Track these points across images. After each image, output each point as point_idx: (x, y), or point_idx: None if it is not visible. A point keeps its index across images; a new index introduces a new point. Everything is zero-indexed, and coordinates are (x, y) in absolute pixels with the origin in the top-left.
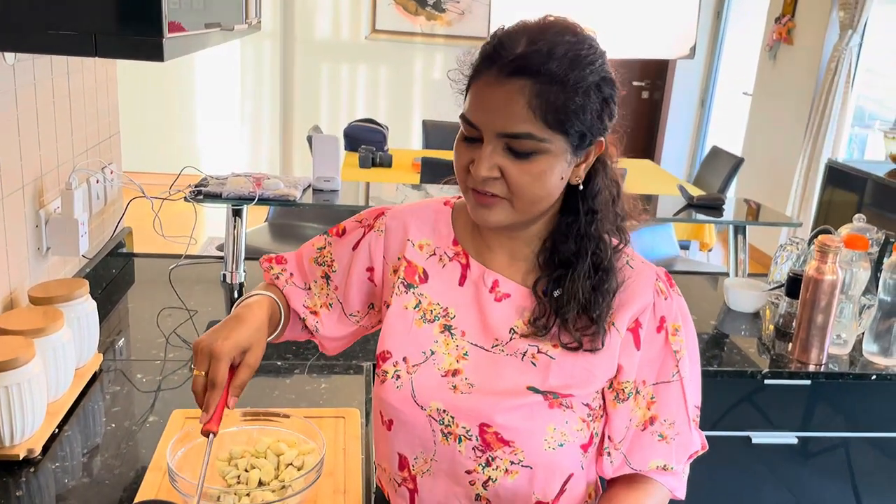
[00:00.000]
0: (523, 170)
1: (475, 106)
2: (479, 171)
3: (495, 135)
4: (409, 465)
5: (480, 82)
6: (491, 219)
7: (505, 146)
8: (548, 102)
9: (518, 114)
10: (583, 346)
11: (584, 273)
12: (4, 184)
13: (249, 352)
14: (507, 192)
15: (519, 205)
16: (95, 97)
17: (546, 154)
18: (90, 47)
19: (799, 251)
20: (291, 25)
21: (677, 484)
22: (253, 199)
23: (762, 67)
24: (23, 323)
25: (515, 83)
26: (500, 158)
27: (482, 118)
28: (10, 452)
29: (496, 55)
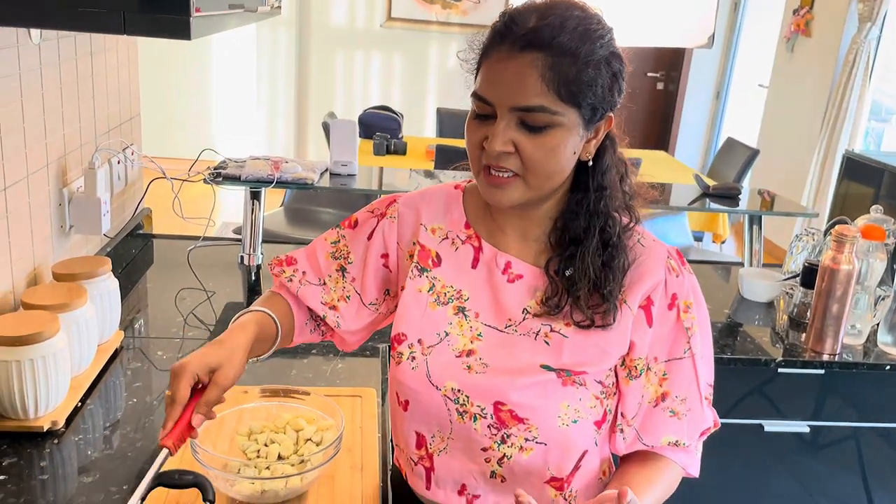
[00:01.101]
0: (537, 144)
1: (488, 82)
2: (493, 146)
3: (509, 109)
4: (426, 443)
5: (492, 58)
6: (504, 198)
7: (519, 120)
8: (560, 75)
9: (532, 87)
10: (595, 323)
11: (594, 249)
12: (30, 162)
13: (219, 371)
14: (521, 167)
15: (533, 181)
16: (117, 78)
17: (559, 127)
18: (119, 25)
19: (815, 242)
20: (307, 12)
21: (690, 461)
22: (271, 181)
23: (779, 59)
24: (47, 298)
25: (528, 56)
26: (514, 133)
27: (495, 93)
28: (34, 424)
29: (507, 31)
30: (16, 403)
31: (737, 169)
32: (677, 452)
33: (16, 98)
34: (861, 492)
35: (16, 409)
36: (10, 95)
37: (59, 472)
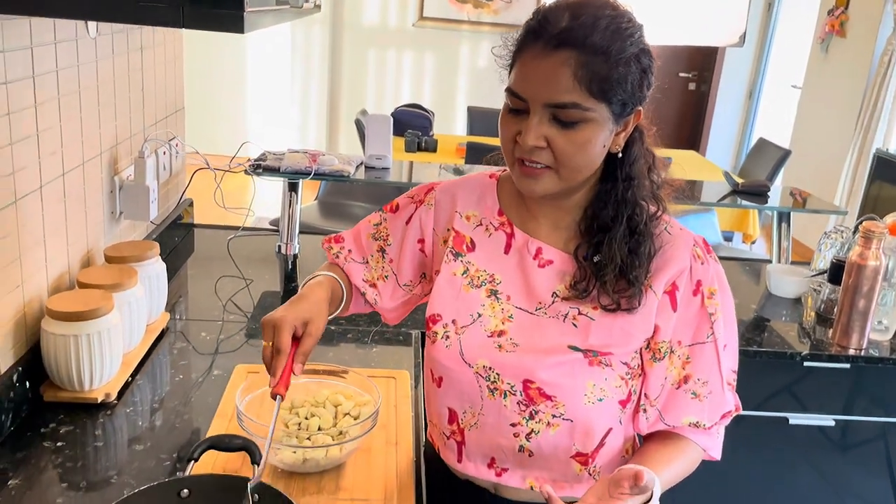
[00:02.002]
0: (569, 139)
1: (522, 78)
2: (526, 141)
3: (542, 105)
4: (458, 419)
5: (527, 56)
6: (537, 188)
7: (551, 116)
8: (592, 73)
9: (564, 84)
10: (621, 306)
11: (622, 236)
12: (85, 149)
13: (311, 322)
14: (553, 161)
15: (564, 173)
16: (164, 73)
17: (590, 123)
18: (178, 18)
19: (843, 239)
20: (341, 11)
21: (711, 443)
22: (309, 173)
23: (813, 60)
24: (101, 278)
25: (561, 55)
26: (546, 128)
27: (529, 89)
28: (89, 395)
29: (541, 29)
30: (72, 376)
31: (768, 169)
32: (698, 434)
33: (74, 88)
34: (885, 486)
35: (72, 382)
36: (70, 85)
37: (112, 440)
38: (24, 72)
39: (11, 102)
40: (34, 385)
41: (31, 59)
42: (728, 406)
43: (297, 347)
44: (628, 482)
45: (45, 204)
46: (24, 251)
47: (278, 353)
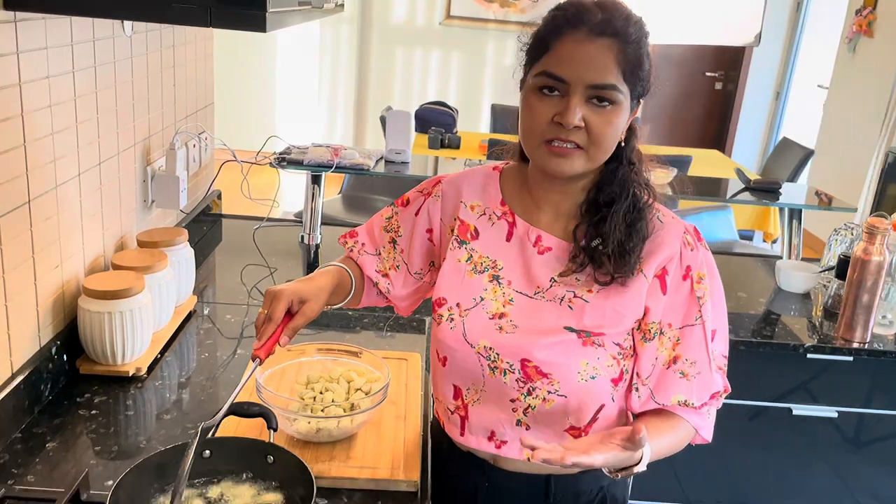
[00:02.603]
0: (603, 118)
1: (565, 60)
2: (570, 120)
3: (584, 86)
4: (462, 395)
5: (568, 41)
6: (567, 168)
7: (589, 97)
8: (627, 59)
9: (608, 67)
10: (615, 280)
11: (624, 212)
12: (120, 141)
13: (307, 303)
14: (587, 140)
15: (593, 153)
16: (195, 69)
17: (619, 105)
18: (206, 18)
19: (853, 236)
20: (369, 10)
21: (702, 423)
22: (331, 166)
23: (840, 60)
24: (134, 261)
25: (605, 41)
26: (584, 109)
27: (572, 71)
28: (121, 369)
29: (581, 17)
30: (106, 350)
31: (791, 169)
32: (689, 412)
33: (111, 83)
34: (890, 473)
35: (106, 356)
36: (107, 80)
37: (142, 410)
38: (65, 67)
39: (53, 95)
40: (71, 358)
41: (71, 55)
42: (716, 387)
43: (288, 322)
44: (622, 435)
45: (83, 191)
46: (63, 234)
47: (269, 321)
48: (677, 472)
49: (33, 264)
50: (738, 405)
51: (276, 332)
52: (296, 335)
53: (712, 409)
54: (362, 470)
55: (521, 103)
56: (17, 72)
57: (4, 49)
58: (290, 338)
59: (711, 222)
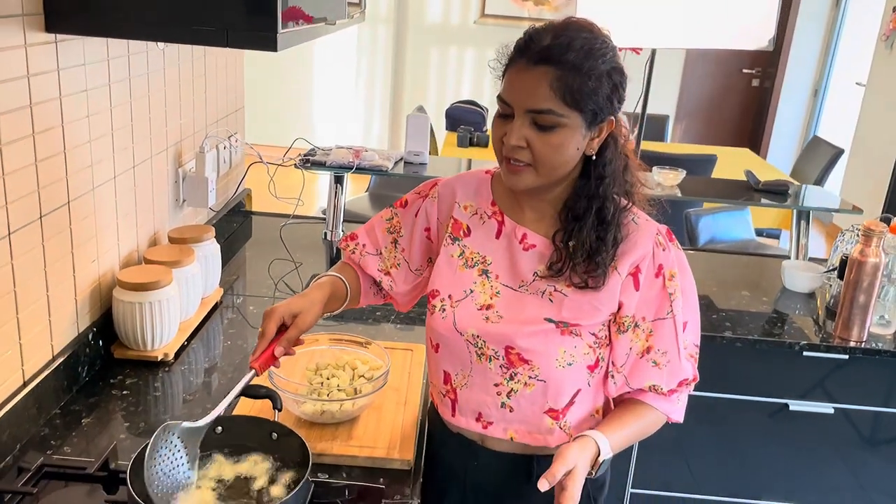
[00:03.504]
0: (545, 141)
1: (509, 88)
2: (510, 141)
3: (524, 111)
4: (452, 379)
5: (514, 69)
6: (519, 183)
7: (531, 121)
8: (566, 85)
9: (542, 93)
10: (588, 285)
11: (591, 225)
12: (153, 145)
13: (300, 316)
14: (532, 159)
15: (542, 170)
16: (225, 77)
17: (564, 128)
18: (223, 39)
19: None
20: (405, 10)
21: (671, 408)
22: (352, 167)
23: (878, 57)
24: (163, 256)
25: (541, 69)
26: (527, 131)
27: (514, 97)
28: (150, 354)
29: (526, 47)
30: (137, 337)
31: (820, 167)
32: (658, 399)
33: (144, 93)
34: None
35: (137, 342)
36: (141, 90)
37: (168, 391)
38: (102, 80)
39: (90, 106)
40: (106, 344)
41: (107, 69)
42: (685, 374)
43: (282, 335)
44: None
45: (118, 192)
46: (100, 232)
47: (261, 337)
48: (690, 464)
49: (72, 259)
50: (739, 400)
51: (271, 346)
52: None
53: (682, 396)
54: (362, 449)
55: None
56: (58, 87)
57: (46, 67)
58: (286, 349)
59: (728, 222)
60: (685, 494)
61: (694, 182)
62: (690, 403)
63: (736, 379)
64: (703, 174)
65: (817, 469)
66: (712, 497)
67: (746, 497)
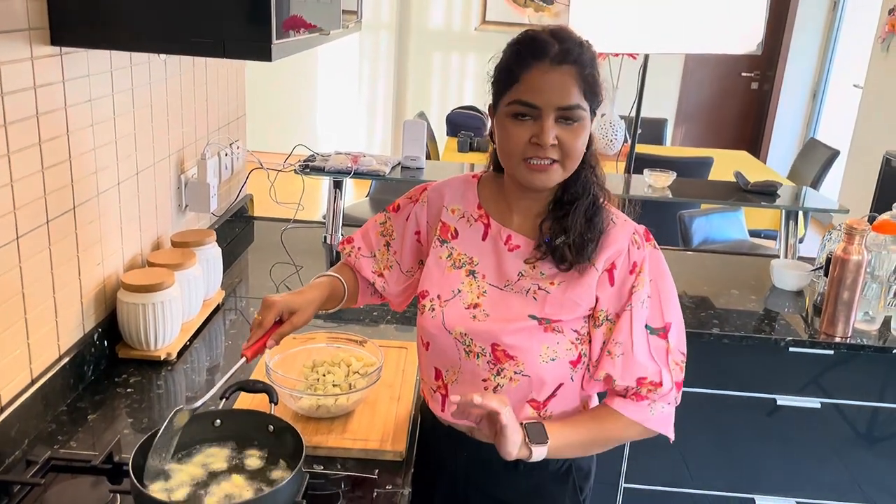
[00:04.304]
0: (573, 134)
1: (534, 88)
2: (547, 140)
3: (554, 109)
4: (442, 375)
5: (535, 71)
6: (549, 181)
7: (558, 117)
8: (585, 81)
9: (571, 91)
10: (573, 268)
11: (585, 207)
12: (156, 153)
13: (296, 314)
14: (561, 154)
15: (567, 164)
16: (227, 85)
17: (583, 121)
18: (221, 50)
19: None
20: (408, 17)
21: (643, 416)
22: (349, 173)
23: (874, 60)
24: (166, 259)
25: (566, 68)
26: (556, 128)
27: (542, 97)
28: (153, 354)
29: (543, 49)
30: (141, 337)
31: (817, 169)
32: (627, 405)
33: (147, 103)
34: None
35: (140, 342)
36: (143, 101)
37: (171, 389)
38: (105, 91)
39: (95, 115)
40: (111, 344)
41: (111, 80)
42: (644, 372)
43: (277, 328)
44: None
45: (122, 198)
46: (104, 236)
47: (259, 327)
48: (683, 459)
49: (78, 262)
50: (730, 396)
51: (264, 337)
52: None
53: (657, 406)
54: (355, 441)
55: (497, 128)
56: (63, 97)
57: (52, 78)
58: (277, 342)
59: (721, 223)
60: (679, 489)
61: (685, 184)
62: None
63: (726, 375)
64: (699, 176)
65: (810, 464)
66: (706, 492)
67: (741, 492)
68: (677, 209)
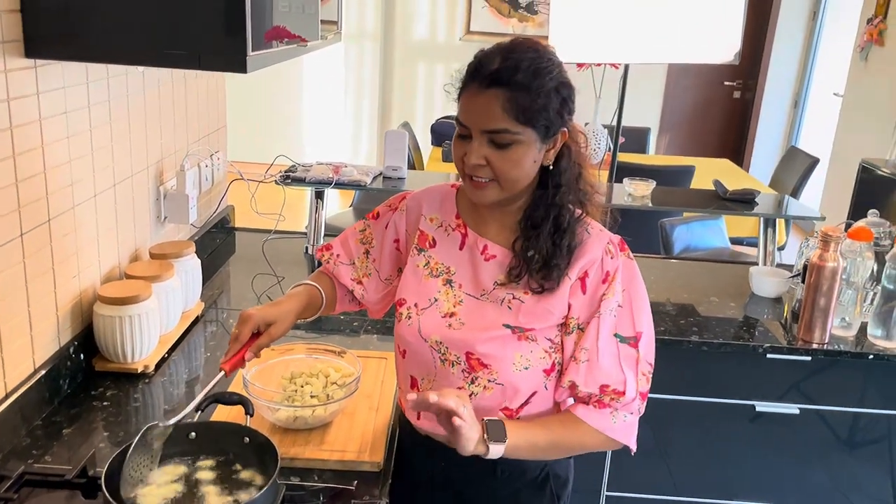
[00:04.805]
0: (503, 157)
1: (465, 110)
2: (470, 161)
3: (480, 132)
4: (418, 384)
5: (468, 93)
6: (484, 198)
7: (489, 140)
8: (517, 104)
9: (496, 115)
10: (544, 288)
11: (548, 232)
12: (134, 164)
13: (273, 325)
14: (493, 175)
15: (504, 185)
16: (207, 96)
17: (520, 144)
18: (196, 62)
19: None
20: (392, 28)
21: (605, 424)
22: (331, 183)
23: (853, 69)
24: (144, 271)
25: (492, 92)
26: (485, 150)
27: (470, 119)
28: (131, 366)
29: (476, 72)
30: (118, 350)
31: (797, 176)
32: (589, 413)
33: (124, 115)
34: (847, 462)
35: (118, 354)
36: (120, 112)
37: (148, 402)
38: (81, 103)
39: (70, 128)
40: (87, 357)
41: (87, 92)
42: (607, 379)
43: (255, 341)
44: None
45: (99, 210)
46: (81, 248)
47: (234, 340)
48: (666, 466)
49: (53, 275)
50: (711, 403)
51: (242, 350)
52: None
53: (619, 415)
54: (333, 453)
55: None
56: (38, 110)
57: (26, 91)
58: (256, 354)
59: (702, 231)
60: (661, 496)
61: (665, 192)
62: (662, 406)
63: (706, 382)
64: (681, 185)
65: (790, 469)
66: (689, 498)
67: (723, 498)
68: (659, 217)
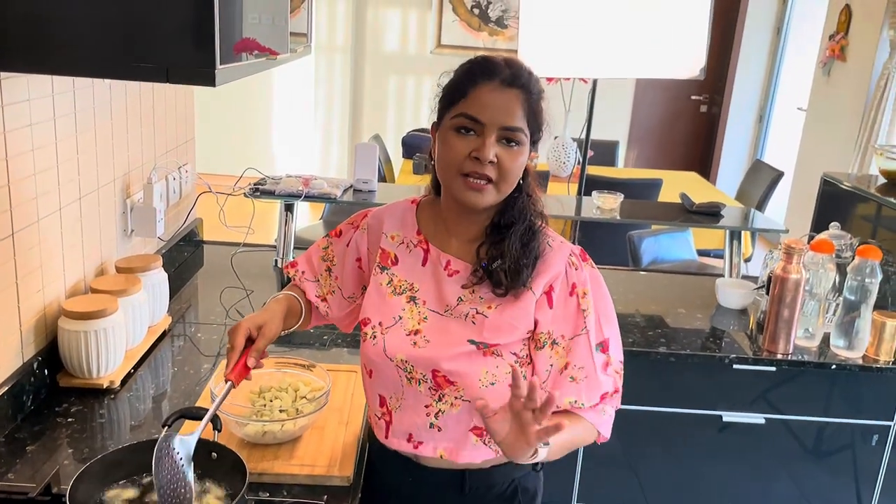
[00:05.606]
0: (511, 156)
1: (481, 105)
2: (487, 155)
3: (497, 128)
4: (386, 402)
5: (485, 88)
6: (480, 201)
7: (500, 137)
8: (530, 109)
9: (516, 113)
10: (508, 293)
11: (521, 232)
12: (100, 177)
13: (265, 326)
14: (497, 175)
15: (502, 187)
16: (175, 109)
17: (523, 146)
18: (164, 76)
19: None
20: (362, 40)
21: (598, 419)
22: (300, 196)
23: (816, 83)
24: (110, 285)
25: (513, 91)
26: (496, 147)
27: (487, 114)
28: (96, 382)
29: (494, 71)
30: (83, 365)
31: (763, 189)
32: (587, 412)
33: (90, 127)
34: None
35: (83, 370)
36: (86, 124)
37: (114, 418)
38: (46, 115)
39: (35, 140)
40: (52, 372)
41: (52, 104)
42: (604, 388)
43: (252, 347)
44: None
45: (64, 223)
46: (45, 262)
47: (231, 350)
48: (634, 477)
49: (16, 289)
50: (678, 413)
51: (242, 358)
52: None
53: (607, 408)
54: (302, 467)
55: (439, 142)
56: (2, 122)
57: None
58: (257, 358)
59: (670, 243)
60: None
61: (633, 205)
62: (631, 417)
63: (673, 393)
64: (649, 198)
65: (758, 479)
66: None
67: None
68: (627, 230)
